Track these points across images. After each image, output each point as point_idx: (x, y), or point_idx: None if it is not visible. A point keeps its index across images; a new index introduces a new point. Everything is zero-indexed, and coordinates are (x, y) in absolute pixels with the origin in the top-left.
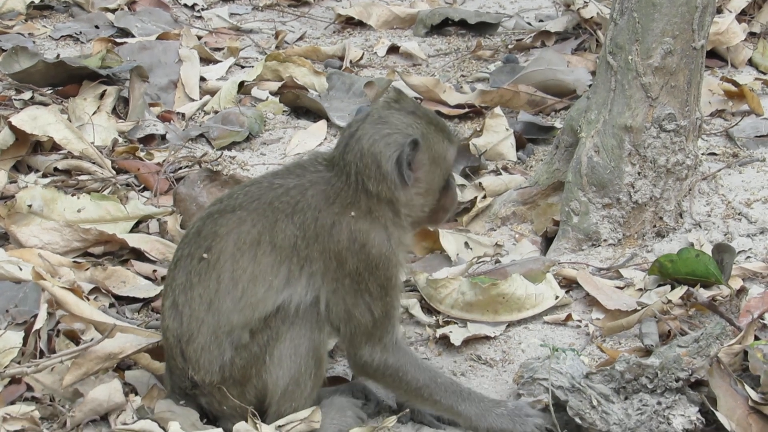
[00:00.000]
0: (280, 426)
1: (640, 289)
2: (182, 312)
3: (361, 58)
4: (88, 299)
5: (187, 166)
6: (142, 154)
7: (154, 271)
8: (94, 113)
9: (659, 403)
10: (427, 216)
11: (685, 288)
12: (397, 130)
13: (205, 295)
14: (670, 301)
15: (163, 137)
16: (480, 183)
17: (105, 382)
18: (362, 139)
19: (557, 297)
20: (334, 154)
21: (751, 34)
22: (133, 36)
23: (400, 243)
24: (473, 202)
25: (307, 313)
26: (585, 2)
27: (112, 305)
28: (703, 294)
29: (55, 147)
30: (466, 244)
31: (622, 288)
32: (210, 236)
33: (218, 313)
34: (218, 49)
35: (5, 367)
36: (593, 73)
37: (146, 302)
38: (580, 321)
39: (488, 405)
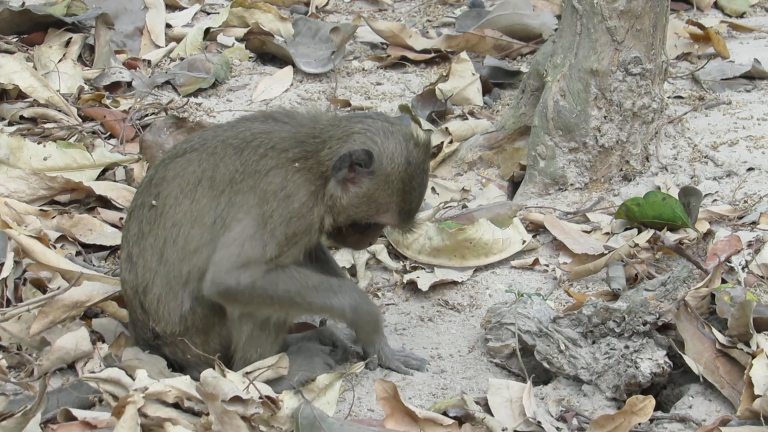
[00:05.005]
0: (247, 373)
1: (607, 233)
2: (137, 263)
3: (327, 3)
4: (55, 247)
5: (153, 113)
6: (108, 102)
7: (121, 218)
8: (59, 61)
9: (627, 347)
10: (337, 225)
11: (651, 231)
12: (382, 146)
13: (156, 245)
14: (637, 245)
15: (129, 84)
16: (446, 128)
17: (72, 330)
18: (360, 123)
19: (524, 241)
20: (331, 116)
21: None
22: None
23: (325, 216)
24: (440, 147)
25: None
26: None
27: (78, 253)
28: (670, 237)
29: (20, 95)
30: (433, 189)
31: (589, 232)
32: (159, 182)
33: (168, 264)
34: None
35: None
36: (559, 17)
37: (113, 250)
38: (547, 265)
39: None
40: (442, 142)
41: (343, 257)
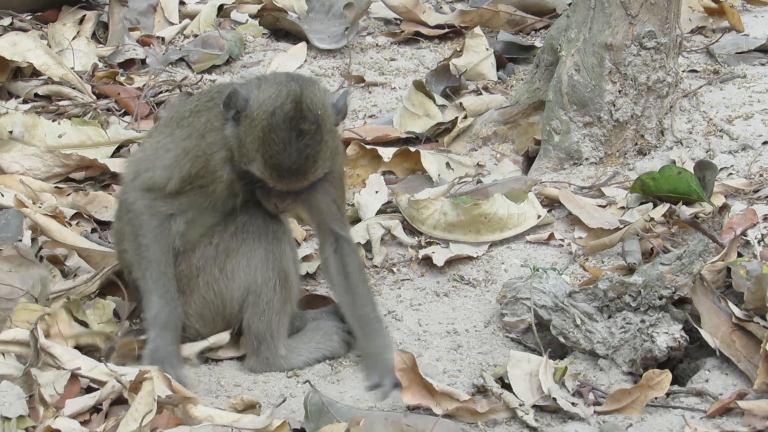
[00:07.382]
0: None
1: (622, 208)
2: (119, 216)
3: None
4: (70, 225)
5: (167, 90)
6: (122, 79)
7: None
8: (73, 38)
9: (643, 321)
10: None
11: (667, 205)
12: (262, 91)
13: None
14: (652, 219)
15: (143, 61)
16: (461, 103)
17: (90, 308)
18: (272, 74)
19: (539, 216)
20: None
21: None
22: None
23: (232, 162)
24: (454, 122)
25: (254, 225)
26: None
27: (94, 230)
28: (686, 211)
29: (35, 73)
30: (448, 164)
31: (604, 206)
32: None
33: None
34: None
35: None
36: None
37: None
38: (562, 240)
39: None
40: (457, 118)
41: (357, 233)
